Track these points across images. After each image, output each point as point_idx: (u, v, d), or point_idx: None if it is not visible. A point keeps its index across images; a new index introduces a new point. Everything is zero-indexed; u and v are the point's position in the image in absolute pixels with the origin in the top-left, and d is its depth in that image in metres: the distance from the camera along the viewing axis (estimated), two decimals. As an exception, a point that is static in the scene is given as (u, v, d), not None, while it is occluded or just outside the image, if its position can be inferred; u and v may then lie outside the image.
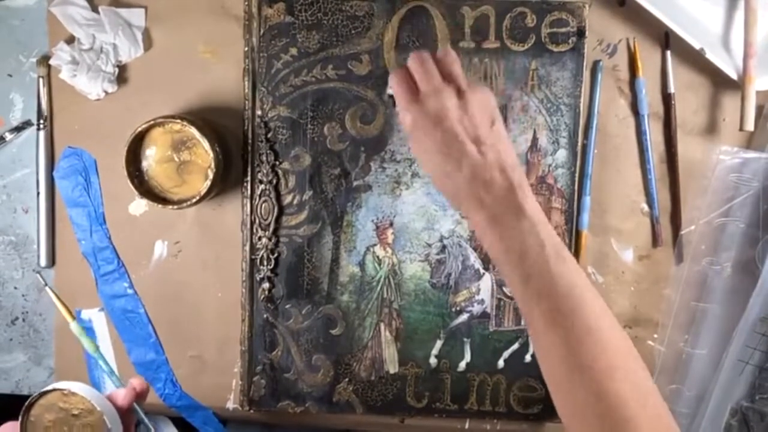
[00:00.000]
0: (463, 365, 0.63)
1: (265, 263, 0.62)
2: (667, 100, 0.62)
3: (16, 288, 0.66)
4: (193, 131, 0.57)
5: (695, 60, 0.61)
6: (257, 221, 0.62)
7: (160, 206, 0.58)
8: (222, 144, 0.60)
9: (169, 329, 0.65)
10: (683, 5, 0.59)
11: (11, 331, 0.66)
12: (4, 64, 0.64)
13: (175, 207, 0.58)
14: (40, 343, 0.66)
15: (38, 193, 0.64)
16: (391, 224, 0.62)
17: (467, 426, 0.65)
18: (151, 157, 0.59)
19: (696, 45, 0.58)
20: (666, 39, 0.61)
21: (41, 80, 0.63)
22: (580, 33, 0.60)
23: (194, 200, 0.58)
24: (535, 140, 0.61)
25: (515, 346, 0.63)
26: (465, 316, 0.63)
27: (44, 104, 0.63)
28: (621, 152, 0.63)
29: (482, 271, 0.63)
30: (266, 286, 0.62)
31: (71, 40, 0.62)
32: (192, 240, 0.64)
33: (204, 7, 0.62)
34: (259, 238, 0.62)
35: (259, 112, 0.61)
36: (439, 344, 0.63)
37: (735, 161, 0.61)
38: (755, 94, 0.59)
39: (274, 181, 0.62)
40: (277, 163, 0.61)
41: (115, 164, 0.58)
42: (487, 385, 0.64)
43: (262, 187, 0.62)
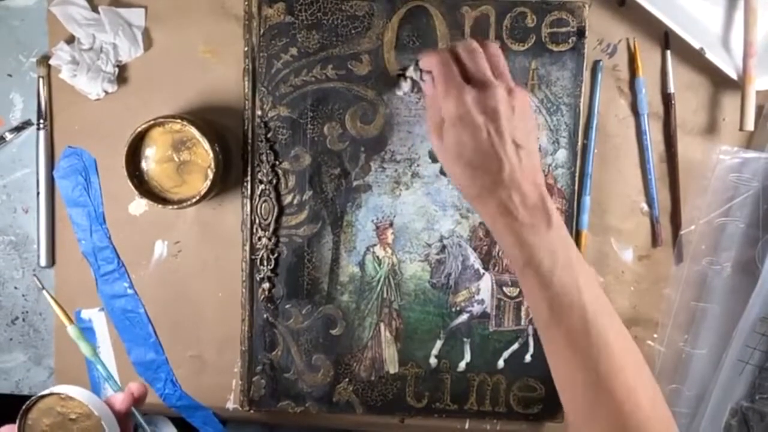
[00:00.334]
0: (463, 365, 0.63)
1: (265, 263, 0.62)
2: (667, 99, 0.62)
3: (16, 288, 0.66)
4: (193, 131, 0.57)
5: (695, 60, 0.61)
6: (257, 221, 0.62)
7: (160, 206, 0.58)
8: (222, 144, 0.60)
9: (169, 329, 0.65)
10: (683, 5, 0.59)
11: (11, 331, 0.66)
12: (4, 64, 0.64)
13: (175, 207, 0.58)
14: (40, 343, 0.66)
15: (38, 193, 0.64)
16: (391, 224, 0.62)
17: (467, 426, 0.65)
18: (151, 157, 0.59)
19: (696, 45, 0.58)
20: (666, 39, 0.61)
21: (41, 80, 0.63)
22: (580, 33, 0.60)
23: (194, 200, 0.57)
24: (535, 140, 0.61)
25: (515, 346, 0.63)
26: (465, 316, 0.63)
27: (44, 104, 0.63)
28: (621, 152, 0.63)
29: (482, 271, 0.63)
30: (266, 286, 0.62)
31: (71, 40, 0.62)
32: (192, 240, 0.64)
33: (204, 7, 0.62)
34: (259, 238, 0.62)
35: (259, 112, 0.61)
36: (439, 344, 0.63)
37: (735, 161, 0.61)
38: (755, 94, 0.58)
39: (274, 181, 0.62)
40: (277, 163, 0.61)
41: (115, 164, 0.58)
42: (487, 385, 0.64)
43: (262, 187, 0.62)
